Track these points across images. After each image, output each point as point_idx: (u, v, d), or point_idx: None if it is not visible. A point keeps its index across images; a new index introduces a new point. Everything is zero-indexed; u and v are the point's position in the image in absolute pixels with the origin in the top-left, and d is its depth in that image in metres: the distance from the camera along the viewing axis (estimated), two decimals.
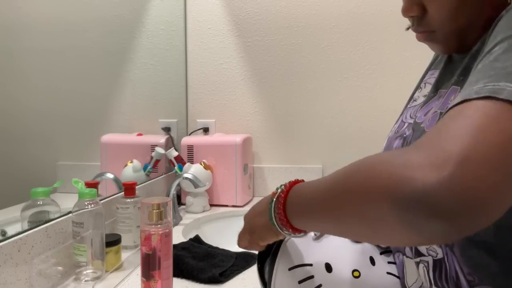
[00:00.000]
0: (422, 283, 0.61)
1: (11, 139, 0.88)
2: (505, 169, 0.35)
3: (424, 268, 0.60)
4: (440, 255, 0.57)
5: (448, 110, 0.41)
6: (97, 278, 0.91)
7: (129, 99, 1.41)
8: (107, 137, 1.26)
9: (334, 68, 1.71)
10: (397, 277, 0.64)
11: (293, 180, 0.57)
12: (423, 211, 0.34)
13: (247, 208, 1.56)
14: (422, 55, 0.84)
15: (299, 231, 0.54)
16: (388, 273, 0.64)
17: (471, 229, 0.35)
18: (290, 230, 0.54)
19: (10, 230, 0.83)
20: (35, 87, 0.95)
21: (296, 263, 0.61)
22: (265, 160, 1.78)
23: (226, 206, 1.58)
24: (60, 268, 0.91)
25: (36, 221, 0.89)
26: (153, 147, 1.53)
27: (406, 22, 0.69)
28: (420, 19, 0.62)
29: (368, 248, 0.65)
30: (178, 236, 1.23)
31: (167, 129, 1.65)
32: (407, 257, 0.64)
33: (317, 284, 0.60)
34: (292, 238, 0.63)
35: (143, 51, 1.49)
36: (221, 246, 1.14)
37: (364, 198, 0.39)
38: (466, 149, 0.35)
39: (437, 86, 0.67)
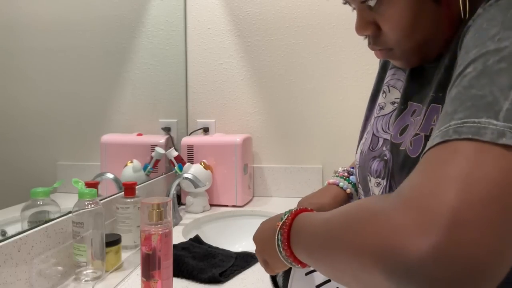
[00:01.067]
0: None
1: (11, 139, 0.88)
2: (501, 225, 0.31)
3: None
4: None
5: (427, 150, 0.38)
6: (97, 278, 0.91)
7: (129, 99, 1.41)
8: (107, 137, 1.26)
9: (334, 68, 1.71)
10: None
11: (298, 208, 0.55)
12: (420, 285, 0.31)
13: (247, 208, 1.57)
14: None
15: (297, 261, 0.53)
16: None
17: None
18: (299, 264, 0.53)
19: (10, 230, 0.83)
20: (35, 87, 0.95)
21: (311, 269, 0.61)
22: (265, 160, 1.78)
23: (226, 206, 1.58)
24: (60, 268, 0.91)
25: (36, 221, 0.89)
26: (153, 147, 1.53)
27: None
28: (375, 37, 0.60)
29: None
30: (178, 236, 1.23)
31: (167, 129, 1.65)
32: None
33: (335, 287, 0.60)
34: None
35: (143, 51, 1.49)
36: (221, 246, 1.14)
37: (356, 259, 0.37)
38: (455, 207, 0.31)
39: (406, 97, 0.63)
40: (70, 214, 0.94)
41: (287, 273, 0.61)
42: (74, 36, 1.10)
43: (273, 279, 0.66)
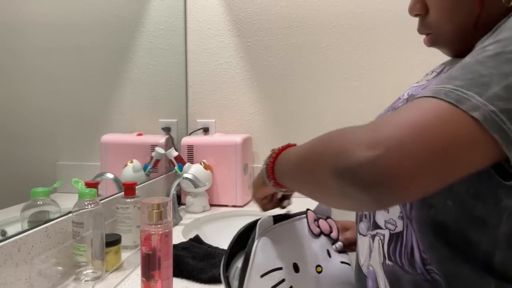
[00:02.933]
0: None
1: (11, 139, 0.88)
2: (427, 167, 0.40)
3: (380, 242, 0.61)
4: (399, 228, 0.58)
5: (420, 96, 0.45)
6: (97, 278, 0.91)
7: (129, 99, 1.41)
8: (107, 137, 1.26)
9: (334, 68, 1.71)
10: (349, 264, 0.68)
11: (286, 144, 0.65)
12: (351, 182, 0.42)
13: (247, 208, 1.57)
14: (422, 55, 0.84)
15: (280, 186, 0.63)
16: (341, 262, 0.68)
17: (386, 202, 0.43)
18: (273, 181, 0.63)
19: (10, 230, 0.83)
20: (35, 87, 0.95)
21: (267, 269, 0.62)
22: None
23: (226, 206, 1.58)
24: (60, 268, 0.91)
25: (36, 221, 0.89)
26: (153, 147, 1.53)
27: (408, 22, 0.69)
28: (422, 19, 0.63)
29: (324, 242, 0.68)
30: (178, 236, 1.23)
31: (167, 129, 1.65)
32: (360, 234, 0.66)
33: (288, 286, 0.62)
34: (260, 243, 0.64)
35: (143, 51, 1.49)
36: (221, 246, 1.14)
37: (317, 165, 0.48)
38: (402, 140, 0.40)
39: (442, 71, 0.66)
40: (70, 214, 0.94)
41: (242, 276, 0.62)
42: (74, 36, 1.10)
43: (227, 281, 0.67)
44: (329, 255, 0.67)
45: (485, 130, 0.40)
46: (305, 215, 0.69)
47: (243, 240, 0.66)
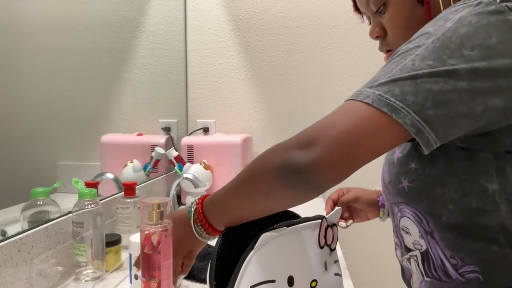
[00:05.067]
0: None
1: (11, 139, 0.88)
2: (343, 154, 0.51)
3: (415, 262, 0.68)
4: (424, 246, 0.65)
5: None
6: (97, 278, 0.91)
7: (129, 99, 1.41)
8: (107, 137, 1.26)
9: (334, 68, 1.71)
10: (340, 275, 0.67)
11: (201, 197, 0.68)
12: (292, 171, 0.52)
13: None
14: None
15: (212, 229, 0.65)
16: (335, 274, 0.65)
17: (321, 184, 0.52)
18: (210, 231, 0.65)
19: (10, 230, 0.83)
20: (35, 87, 0.95)
21: (259, 280, 0.59)
22: None
23: None
24: (60, 268, 0.90)
25: (36, 221, 0.89)
26: (153, 147, 1.53)
27: None
28: (382, 40, 0.74)
29: (325, 252, 0.64)
30: None
31: (167, 129, 1.65)
32: (400, 262, 0.74)
33: None
34: (257, 252, 0.60)
35: (143, 51, 1.49)
36: None
37: (260, 175, 0.56)
38: (317, 136, 0.52)
39: None
40: (70, 214, 0.94)
41: (231, 285, 0.60)
42: (74, 36, 1.10)
43: None
44: (326, 267, 0.64)
45: (377, 109, 0.51)
46: (318, 221, 0.65)
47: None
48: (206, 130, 1.79)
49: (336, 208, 0.68)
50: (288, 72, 1.75)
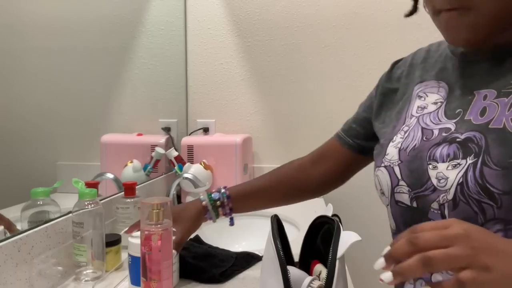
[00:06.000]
0: None
1: (11, 139, 0.88)
2: None
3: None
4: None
5: None
6: (97, 278, 0.91)
7: (129, 99, 1.41)
8: (107, 137, 1.26)
9: (334, 68, 1.71)
10: None
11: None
12: None
13: None
14: None
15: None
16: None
17: None
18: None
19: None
20: (35, 87, 0.95)
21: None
22: (265, 160, 1.78)
23: None
24: (60, 268, 0.90)
25: (36, 221, 0.89)
26: (153, 147, 1.53)
27: (408, 22, 0.69)
28: None
29: None
30: None
31: (167, 129, 1.65)
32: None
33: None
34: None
35: (143, 51, 1.49)
36: (221, 246, 1.14)
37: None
38: None
39: (470, 88, 0.66)
40: (70, 214, 0.94)
41: None
42: (74, 36, 1.10)
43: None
44: None
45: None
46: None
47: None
48: (206, 130, 1.79)
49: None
50: (288, 72, 1.75)
